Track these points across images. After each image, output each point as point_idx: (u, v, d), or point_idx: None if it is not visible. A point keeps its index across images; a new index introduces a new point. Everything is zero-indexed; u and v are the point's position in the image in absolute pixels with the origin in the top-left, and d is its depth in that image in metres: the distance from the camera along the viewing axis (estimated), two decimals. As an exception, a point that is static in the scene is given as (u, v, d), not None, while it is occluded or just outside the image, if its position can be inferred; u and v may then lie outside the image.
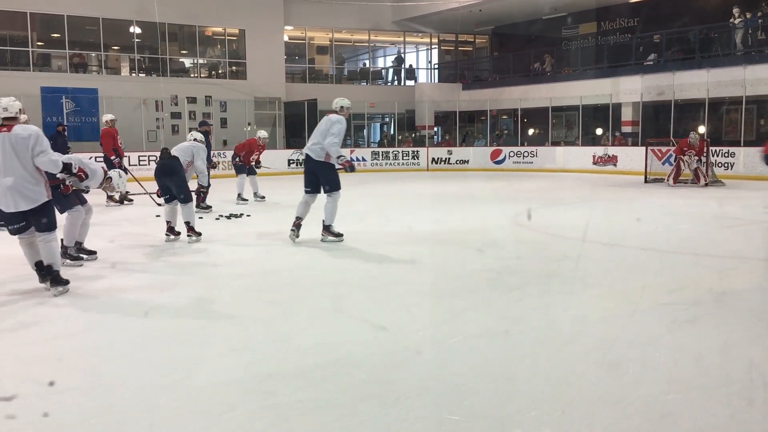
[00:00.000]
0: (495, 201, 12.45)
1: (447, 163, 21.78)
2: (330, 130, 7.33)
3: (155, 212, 9.62)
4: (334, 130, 7.31)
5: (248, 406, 3.15)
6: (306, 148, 7.60)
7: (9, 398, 3.21)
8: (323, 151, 7.41)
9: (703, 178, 14.59)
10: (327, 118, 7.52)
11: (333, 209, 7.59)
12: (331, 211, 7.59)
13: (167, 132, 20.59)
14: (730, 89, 17.42)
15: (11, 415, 3.05)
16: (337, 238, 7.59)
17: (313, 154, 7.44)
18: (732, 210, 10.61)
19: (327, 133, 7.34)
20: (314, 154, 7.44)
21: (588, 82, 20.77)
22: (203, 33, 22.91)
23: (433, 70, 27.60)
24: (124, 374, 3.60)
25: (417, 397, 3.24)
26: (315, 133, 7.52)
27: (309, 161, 7.51)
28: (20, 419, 3.01)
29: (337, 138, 7.34)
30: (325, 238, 7.61)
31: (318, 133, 7.46)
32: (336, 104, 7.66)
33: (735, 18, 17.90)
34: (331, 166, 7.50)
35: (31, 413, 3.07)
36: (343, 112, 7.59)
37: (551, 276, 5.98)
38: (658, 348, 3.90)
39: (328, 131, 7.33)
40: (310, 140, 7.59)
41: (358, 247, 7.35)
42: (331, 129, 7.33)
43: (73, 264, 6.41)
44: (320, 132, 7.43)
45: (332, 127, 7.33)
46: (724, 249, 7.27)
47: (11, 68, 19.80)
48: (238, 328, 4.48)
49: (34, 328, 4.49)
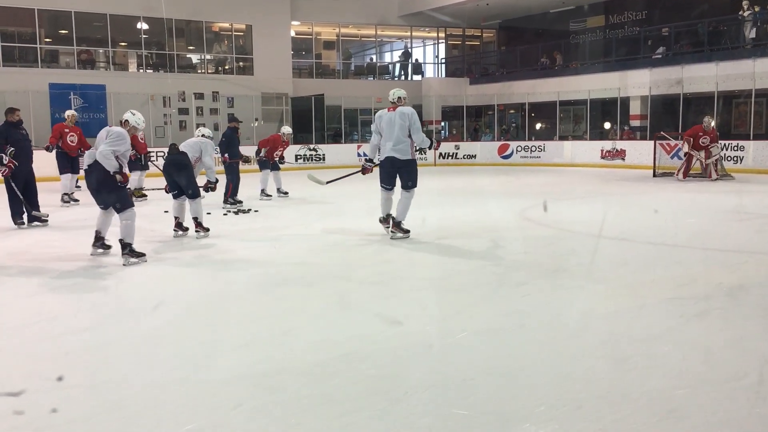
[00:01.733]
0: (502, 196, 12.42)
1: (454, 158, 21.74)
2: (413, 125, 7.20)
3: (164, 208, 9.65)
4: (418, 124, 7.27)
5: (255, 402, 3.15)
6: (386, 152, 7.30)
7: (16, 394, 3.23)
8: (409, 149, 7.27)
9: (715, 173, 14.37)
10: (396, 113, 7.25)
11: (408, 205, 7.44)
12: (406, 207, 7.42)
13: (175, 128, 20.64)
14: (740, 82, 17.30)
15: (19, 410, 3.06)
16: (405, 235, 7.42)
17: (400, 155, 7.24)
18: (741, 204, 10.54)
19: (409, 130, 7.20)
20: (400, 154, 7.24)
21: (596, 75, 20.67)
22: (210, 29, 22.94)
23: (440, 64, 27.53)
24: (131, 370, 3.61)
25: (424, 391, 3.23)
26: (389, 134, 7.25)
27: (394, 163, 7.29)
28: (28, 415, 3.03)
29: (420, 129, 7.30)
30: (395, 235, 7.41)
31: (393, 133, 7.22)
32: (394, 95, 7.43)
33: (744, 11, 17.76)
34: (415, 163, 7.42)
35: (39, 408, 3.08)
36: (404, 101, 7.41)
37: (559, 271, 5.96)
38: (667, 343, 3.88)
39: (412, 126, 7.20)
40: (386, 143, 7.29)
41: (365, 242, 7.34)
42: (414, 124, 7.21)
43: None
44: (398, 129, 7.19)
45: (413, 122, 7.21)
46: (734, 243, 7.23)
47: (20, 65, 19.89)
48: (245, 324, 4.49)
49: (41, 324, 4.50)
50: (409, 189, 7.39)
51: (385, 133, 7.32)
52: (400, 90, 7.50)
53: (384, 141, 7.35)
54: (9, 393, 3.25)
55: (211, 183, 8.07)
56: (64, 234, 8.18)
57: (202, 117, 20.94)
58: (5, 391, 3.27)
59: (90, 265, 6.33)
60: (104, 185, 6.33)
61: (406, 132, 7.22)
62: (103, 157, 6.22)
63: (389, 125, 7.27)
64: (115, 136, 6.32)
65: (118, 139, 6.31)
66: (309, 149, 20.57)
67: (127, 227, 6.33)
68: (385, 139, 7.33)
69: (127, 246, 6.31)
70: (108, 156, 6.21)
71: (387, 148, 7.31)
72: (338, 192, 11.98)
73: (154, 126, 20.00)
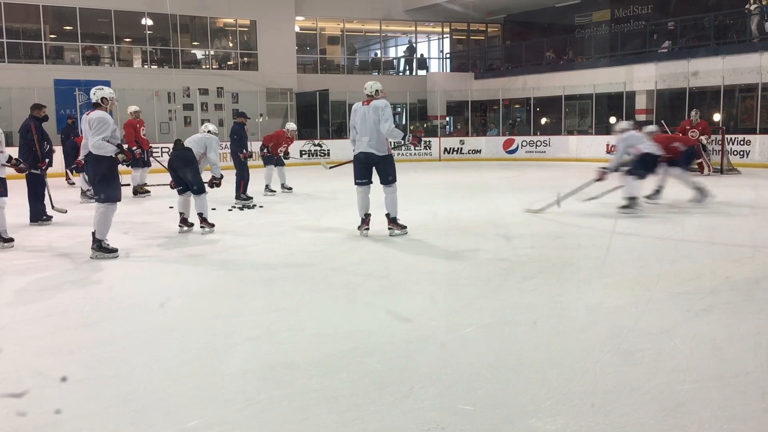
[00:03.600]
0: (508, 190, 12.40)
1: (459, 153, 21.71)
2: (382, 117, 6.94)
3: (168, 203, 9.66)
4: (387, 115, 6.97)
5: (263, 396, 3.16)
6: (362, 147, 7.14)
7: (21, 393, 3.23)
8: (384, 144, 7.11)
9: (707, 168, 14.11)
10: (370, 107, 7.07)
11: (396, 200, 7.32)
12: (394, 201, 7.31)
13: (179, 123, 20.66)
14: (746, 76, 17.22)
15: (22, 411, 3.07)
16: (403, 231, 7.36)
17: (375, 151, 7.08)
18: (748, 198, 10.50)
19: (379, 123, 6.97)
20: (376, 150, 7.08)
21: (601, 70, 20.62)
22: (214, 24, 22.93)
23: (444, 59, 27.47)
24: (140, 365, 3.61)
25: (431, 386, 3.23)
26: (363, 129, 7.08)
27: (369, 159, 7.14)
28: (35, 411, 3.04)
29: (391, 121, 6.98)
30: (393, 232, 7.33)
31: (367, 127, 7.04)
32: (371, 88, 7.18)
33: (751, 4, 17.68)
34: (392, 158, 7.26)
35: (45, 404, 3.09)
36: (381, 94, 7.21)
37: (565, 265, 5.95)
38: (674, 337, 3.87)
39: (380, 119, 6.96)
40: (362, 137, 7.11)
41: (371, 237, 7.34)
42: (383, 116, 6.95)
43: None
44: (372, 124, 7.01)
45: (383, 113, 6.96)
46: (741, 237, 7.20)
47: (25, 61, 19.93)
48: (253, 319, 4.49)
49: (50, 318, 4.51)
50: (390, 184, 7.26)
51: (360, 128, 7.14)
52: (376, 83, 7.27)
53: (359, 136, 7.16)
54: (12, 394, 3.26)
55: (216, 179, 8.07)
56: (73, 230, 8.20)
57: (206, 113, 20.96)
58: (10, 391, 3.28)
59: (96, 261, 6.34)
60: (99, 174, 6.39)
61: (377, 125, 7.03)
62: (97, 148, 6.26)
63: (363, 120, 7.11)
64: (97, 124, 6.33)
65: (101, 125, 6.32)
66: (314, 144, 20.56)
67: (101, 219, 6.36)
68: (360, 134, 7.14)
69: (97, 241, 6.38)
70: (101, 146, 6.24)
71: (363, 143, 7.13)
72: (342, 187, 11.97)
73: (158, 122, 20.02)
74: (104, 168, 6.37)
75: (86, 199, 11.08)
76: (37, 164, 8.36)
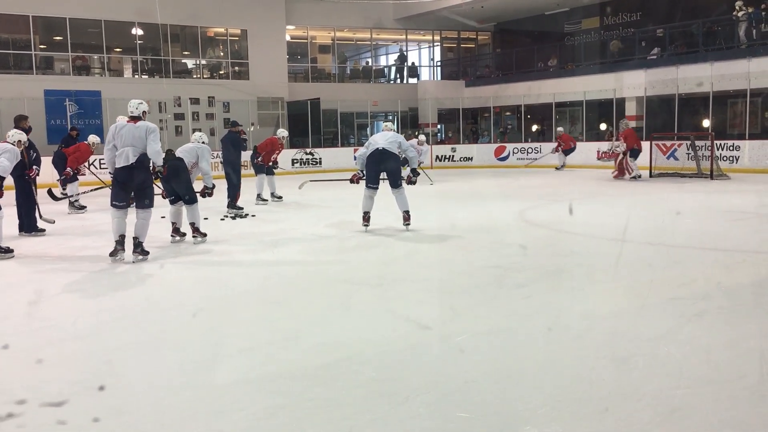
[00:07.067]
0: (500, 197, 12.43)
1: (451, 160, 21.75)
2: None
3: (160, 213, 9.63)
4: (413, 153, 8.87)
5: (258, 406, 3.15)
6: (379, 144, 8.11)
7: (19, 402, 3.22)
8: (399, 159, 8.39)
9: (627, 172, 14.81)
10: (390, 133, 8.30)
11: (406, 197, 8.20)
12: (406, 199, 8.18)
13: (171, 133, 20.58)
14: (735, 82, 17.36)
15: (21, 417, 3.05)
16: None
17: (390, 148, 8.13)
18: (738, 203, 10.57)
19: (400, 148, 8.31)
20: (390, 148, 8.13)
21: (591, 77, 20.72)
22: (205, 34, 22.91)
23: (435, 67, 27.55)
24: (134, 376, 3.60)
25: (426, 394, 3.23)
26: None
27: (384, 154, 8.10)
28: (30, 421, 3.02)
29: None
30: (409, 226, 8.18)
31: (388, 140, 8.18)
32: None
33: (738, 11, 17.83)
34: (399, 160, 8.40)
35: (42, 416, 3.08)
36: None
37: (559, 272, 5.97)
38: (668, 343, 3.89)
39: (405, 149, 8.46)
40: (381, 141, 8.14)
41: (364, 245, 7.34)
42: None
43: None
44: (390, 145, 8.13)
45: (404, 146, 8.36)
46: (732, 243, 7.25)
47: (14, 71, 19.84)
48: (247, 328, 4.48)
49: (42, 330, 4.49)
50: (398, 187, 8.12)
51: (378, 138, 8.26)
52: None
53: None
54: (11, 401, 3.24)
55: (209, 188, 8.06)
56: (65, 240, 8.16)
57: (198, 122, 20.91)
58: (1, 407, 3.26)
59: (88, 272, 6.32)
60: (148, 181, 6.92)
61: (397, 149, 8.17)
62: (158, 155, 6.78)
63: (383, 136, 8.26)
64: (153, 133, 6.69)
65: (157, 135, 6.73)
66: (306, 153, 20.56)
67: (145, 225, 6.86)
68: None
69: (140, 245, 6.76)
70: (161, 152, 6.82)
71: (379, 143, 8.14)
72: (333, 195, 11.99)
73: (150, 131, 19.92)
74: (150, 176, 6.83)
75: (74, 210, 11.04)
76: (25, 171, 8.35)
